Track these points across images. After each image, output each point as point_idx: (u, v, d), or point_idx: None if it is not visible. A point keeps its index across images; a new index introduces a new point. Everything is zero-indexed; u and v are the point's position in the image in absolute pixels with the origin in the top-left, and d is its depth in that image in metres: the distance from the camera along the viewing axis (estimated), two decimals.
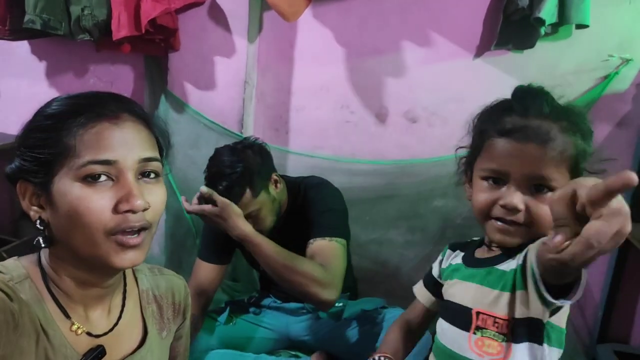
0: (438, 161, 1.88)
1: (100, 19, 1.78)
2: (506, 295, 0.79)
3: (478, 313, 0.82)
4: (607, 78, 1.75)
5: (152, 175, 0.68)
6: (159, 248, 1.98)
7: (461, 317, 0.83)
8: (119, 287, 0.75)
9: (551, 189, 0.76)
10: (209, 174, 1.41)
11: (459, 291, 0.87)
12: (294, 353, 1.63)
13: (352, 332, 1.53)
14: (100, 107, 0.65)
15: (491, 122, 0.83)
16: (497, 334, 0.79)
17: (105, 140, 0.63)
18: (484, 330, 0.80)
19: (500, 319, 0.79)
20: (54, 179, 0.63)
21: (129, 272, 0.79)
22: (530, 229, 0.78)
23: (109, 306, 0.73)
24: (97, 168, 0.62)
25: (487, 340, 0.80)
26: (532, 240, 0.75)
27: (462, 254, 0.95)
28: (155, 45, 1.88)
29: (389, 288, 1.95)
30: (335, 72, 1.90)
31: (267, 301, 1.68)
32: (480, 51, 1.83)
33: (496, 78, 1.83)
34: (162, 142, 0.72)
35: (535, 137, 0.76)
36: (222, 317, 1.60)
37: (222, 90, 1.95)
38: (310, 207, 1.47)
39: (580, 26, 1.70)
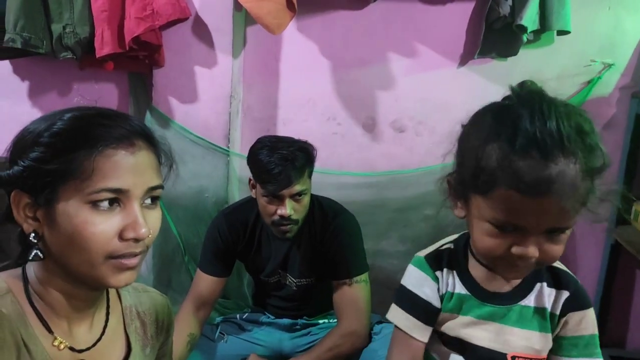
0: (427, 170, 1.88)
1: (83, 36, 1.76)
2: (539, 335, 0.77)
3: (514, 358, 0.78)
4: (591, 83, 1.77)
5: (154, 200, 0.69)
6: (146, 267, 1.95)
7: None
8: (102, 303, 0.75)
9: (565, 230, 0.69)
10: (264, 146, 1.40)
11: (482, 333, 0.79)
12: None
13: None
14: (114, 131, 0.65)
15: (498, 165, 0.67)
16: None
17: (120, 169, 0.64)
18: None
19: (537, 359, 0.77)
20: (60, 198, 0.63)
21: (112, 289, 0.78)
22: (541, 264, 0.73)
23: (92, 321, 0.73)
24: (108, 195, 0.63)
25: None
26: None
27: (457, 276, 0.83)
28: (139, 62, 1.87)
29: (382, 299, 1.92)
30: (321, 84, 1.90)
31: (260, 317, 1.66)
32: (464, 60, 1.85)
33: (481, 86, 1.84)
34: (165, 164, 0.73)
35: (557, 191, 0.63)
36: (214, 335, 1.58)
37: (207, 105, 1.94)
38: (333, 243, 1.48)
39: (562, 32, 1.72)
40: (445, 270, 0.84)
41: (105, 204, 0.63)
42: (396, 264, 1.95)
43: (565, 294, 0.78)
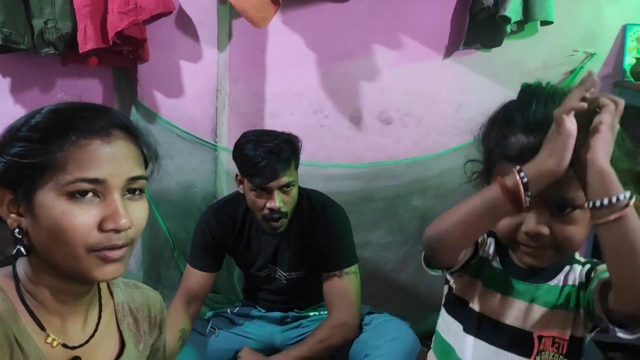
0: (414, 161, 1.90)
1: (65, 31, 1.73)
2: (564, 313, 0.77)
3: (540, 337, 0.77)
4: (573, 73, 1.79)
5: (137, 192, 0.68)
6: (135, 263, 1.94)
7: (519, 342, 0.77)
8: (95, 300, 0.75)
9: (576, 207, 0.70)
10: (249, 140, 1.41)
11: (508, 310, 0.78)
12: None
13: None
14: (92, 123, 0.64)
15: (496, 143, 0.74)
16: (557, 354, 0.76)
17: (95, 159, 0.63)
18: (544, 352, 0.77)
19: (559, 338, 0.76)
20: (38, 191, 0.62)
21: (103, 285, 0.78)
22: (559, 250, 0.73)
23: (85, 318, 0.72)
24: (85, 186, 0.62)
25: None
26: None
27: (495, 247, 0.83)
28: (123, 57, 1.85)
29: (370, 291, 1.95)
30: (307, 77, 1.90)
31: (251, 311, 1.66)
32: (449, 51, 1.86)
33: (466, 77, 1.86)
34: (149, 157, 0.72)
35: None
36: (206, 330, 1.58)
37: (193, 99, 1.93)
38: (322, 236, 1.49)
39: (545, 23, 1.74)
40: (490, 239, 0.84)
41: (84, 194, 0.62)
42: (385, 255, 1.97)
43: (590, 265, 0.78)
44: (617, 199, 0.60)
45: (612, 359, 1.69)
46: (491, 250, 0.83)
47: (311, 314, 1.62)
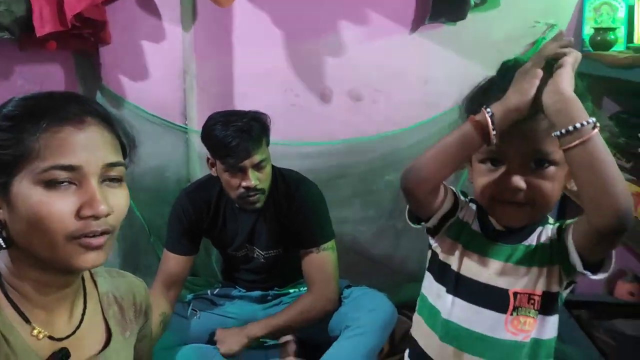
0: (385, 136, 1.92)
1: (19, 14, 1.65)
2: (537, 270, 0.80)
3: (516, 294, 0.80)
4: (535, 43, 1.84)
5: (116, 179, 0.67)
6: (112, 251, 1.91)
7: (495, 299, 0.80)
8: (79, 291, 0.74)
9: (552, 163, 0.74)
10: (217, 121, 1.40)
11: (485, 270, 0.82)
12: (262, 340, 1.63)
13: None
14: (63, 110, 0.63)
15: (479, 100, 0.79)
16: (532, 310, 0.80)
17: (69, 146, 0.62)
18: (520, 308, 0.80)
19: (534, 294, 0.80)
20: (14, 181, 0.62)
21: (87, 276, 0.78)
22: (535, 208, 0.77)
23: (70, 310, 0.72)
24: (61, 173, 0.61)
25: (523, 318, 0.80)
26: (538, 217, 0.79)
27: (475, 212, 0.87)
28: (84, 40, 1.78)
29: (347, 264, 1.98)
30: (275, 56, 1.88)
31: (231, 292, 1.68)
32: (415, 26, 1.88)
33: (433, 51, 1.88)
34: (127, 144, 0.71)
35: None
36: (187, 312, 1.59)
37: (160, 82, 1.88)
38: (298, 213, 1.50)
39: None
40: (471, 204, 0.88)
41: (60, 182, 0.61)
42: (362, 230, 2.01)
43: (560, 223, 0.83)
44: (582, 124, 0.65)
45: (577, 316, 1.78)
46: (472, 215, 0.86)
47: (291, 291, 1.65)
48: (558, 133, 0.68)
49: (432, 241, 0.90)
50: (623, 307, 1.84)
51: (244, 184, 1.40)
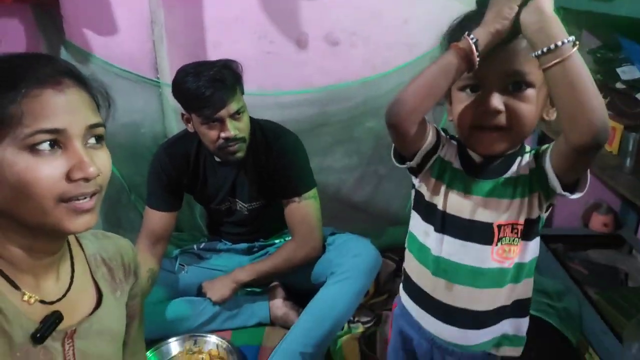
0: (365, 82, 1.89)
1: None
2: (519, 201, 0.82)
3: (500, 226, 0.83)
4: None
5: (98, 140, 0.67)
6: None
7: (481, 232, 0.83)
8: (65, 254, 0.75)
9: (529, 85, 0.75)
10: (188, 73, 1.35)
11: (469, 206, 0.84)
12: (250, 289, 1.67)
13: None
14: (40, 73, 0.62)
15: (460, 31, 0.79)
16: (515, 238, 0.83)
17: (51, 109, 0.61)
18: (504, 238, 0.83)
19: (517, 224, 0.83)
20: None
21: (72, 239, 0.78)
22: (513, 132, 0.78)
23: (57, 273, 0.73)
24: (45, 137, 0.61)
25: (507, 247, 0.83)
26: (516, 146, 0.81)
27: (456, 149, 0.88)
28: None
29: (333, 212, 2.01)
30: (247, 0, 1.80)
31: (217, 245, 1.69)
32: None
33: None
34: (102, 104, 0.70)
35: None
36: (174, 267, 1.60)
37: (128, 33, 1.80)
38: (278, 163, 1.49)
39: None
40: (450, 139, 0.89)
41: (45, 146, 0.61)
42: (344, 178, 2.02)
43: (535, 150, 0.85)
44: (562, 42, 0.66)
45: (554, 249, 1.85)
46: (454, 153, 0.88)
47: (276, 241, 1.68)
48: (539, 52, 0.68)
49: (415, 181, 0.91)
50: (597, 238, 1.92)
51: (222, 134, 1.37)
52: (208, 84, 1.31)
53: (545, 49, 0.67)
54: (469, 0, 0.84)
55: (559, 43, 0.66)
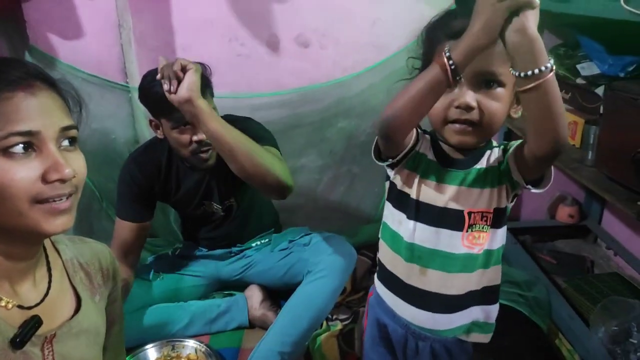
0: (336, 83, 1.91)
1: None
2: (489, 191, 0.87)
3: (470, 213, 0.87)
4: None
5: (71, 142, 0.67)
6: None
7: (452, 219, 0.88)
8: (41, 259, 0.74)
9: (500, 84, 0.80)
10: (153, 78, 1.28)
11: (442, 195, 0.88)
12: (227, 293, 1.67)
13: (282, 262, 1.59)
14: (11, 75, 0.62)
15: (439, 28, 0.84)
16: (485, 225, 0.88)
17: (24, 111, 0.62)
18: (474, 225, 0.87)
19: (486, 212, 0.88)
20: None
21: (48, 244, 0.77)
22: (484, 127, 0.82)
23: (34, 279, 0.72)
24: (19, 139, 0.61)
25: (477, 233, 0.88)
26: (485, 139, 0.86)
27: (429, 142, 0.92)
28: None
29: (308, 212, 2.03)
30: (217, 3, 1.79)
31: (193, 251, 1.68)
32: None
33: None
34: (73, 107, 0.71)
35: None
36: (149, 275, 1.58)
37: (94, 38, 1.77)
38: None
39: None
40: (422, 133, 0.93)
41: (18, 149, 0.61)
42: (318, 178, 2.03)
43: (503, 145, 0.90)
44: (545, 67, 0.67)
45: (522, 241, 1.91)
46: (427, 146, 0.92)
47: (253, 244, 1.66)
48: (520, 75, 0.69)
49: (390, 173, 0.95)
50: (563, 229, 1.99)
51: (195, 138, 1.35)
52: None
53: (529, 73, 0.67)
54: (436, 1, 0.87)
55: (542, 68, 0.67)
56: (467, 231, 0.88)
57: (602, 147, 1.38)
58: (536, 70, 0.67)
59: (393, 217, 0.95)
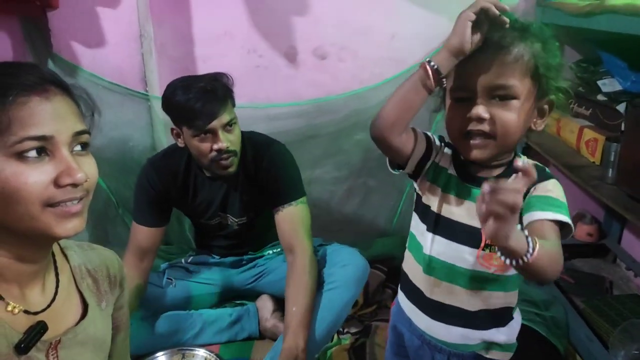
0: (353, 95, 1.91)
1: None
2: None
3: None
4: None
5: (84, 147, 0.68)
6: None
7: (470, 236, 0.87)
8: (50, 265, 0.75)
9: (513, 97, 0.79)
10: (177, 87, 1.35)
11: (461, 210, 0.88)
12: (239, 302, 1.66)
13: None
14: (24, 79, 0.63)
15: None
16: None
17: (38, 116, 0.62)
18: (491, 246, 0.85)
19: None
20: None
21: (57, 250, 0.77)
22: (498, 139, 0.82)
23: (43, 284, 0.72)
24: (33, 144, 0.62)
25: (494, 254, 0.85)
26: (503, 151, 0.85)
27: (451, 155, 0.92)
28: (29, 4, 1.67)
29: (322, 224, 2.01)
30: (236, 15, 1.82)
31: (205, 258, 1.68)
32: None
33: (399, 6, 1.85)
34: (85, 112, 0.71)
35: (491, 46, 0.79)
36: (162, 282, 1.59)
37: (116, 47, 1.80)
38: (269, 174, 1.48)
39: None
40: (445, 146, 0.94)
41: (32, 153, 0.62)
42: (333, 190, 2.03)
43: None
44: (526, 257, 0.68)
45: None
46: (448, 160, 0.92)
47: (265, 253, 1.67)
48: (508, 262, 0.70)
49: (415, 185, 0.96)
50: (581, 248, 1.94)
51: (215, 146, 1.36)
52: (198, 96, 1.32)
53: (513, 262, 0.69)
54: (453, 17, 0.87)
55: (525, 259, 0.68)
56: (483, 250, 0.87)
57: (623, 165, 1.36)
58: (521, 262, 0.68)
59: (418, 228, 0.96)
